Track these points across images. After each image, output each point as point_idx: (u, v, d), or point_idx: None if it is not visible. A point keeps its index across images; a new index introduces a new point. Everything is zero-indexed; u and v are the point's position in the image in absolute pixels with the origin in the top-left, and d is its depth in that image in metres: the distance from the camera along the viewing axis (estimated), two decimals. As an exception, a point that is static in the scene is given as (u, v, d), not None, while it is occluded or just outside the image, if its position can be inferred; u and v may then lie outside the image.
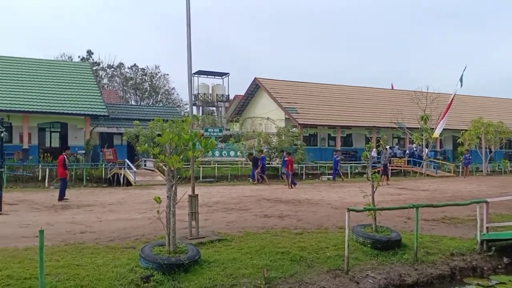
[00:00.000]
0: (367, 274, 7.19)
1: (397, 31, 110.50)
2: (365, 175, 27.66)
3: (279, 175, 27.21)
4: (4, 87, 27.84)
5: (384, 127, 35.98)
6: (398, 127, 34.09)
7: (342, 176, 25.92)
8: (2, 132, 13.07)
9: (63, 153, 15.73)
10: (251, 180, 23.49)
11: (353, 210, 7.58)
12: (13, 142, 27.11)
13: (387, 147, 30.30)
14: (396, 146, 36.54)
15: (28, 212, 12.26)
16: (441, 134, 32.92)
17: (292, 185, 20.55)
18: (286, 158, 21.84)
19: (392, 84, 47.70)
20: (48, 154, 25.14)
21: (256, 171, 22.94)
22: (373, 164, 23.02)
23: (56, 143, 30.98)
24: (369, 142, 9.84)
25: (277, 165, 28.36)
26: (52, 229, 9.39)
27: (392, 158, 31.62)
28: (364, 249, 8.16)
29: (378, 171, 20.84)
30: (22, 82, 29.05)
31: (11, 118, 26.08)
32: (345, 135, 37.22)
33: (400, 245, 8.35)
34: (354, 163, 32.12)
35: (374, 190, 8.72)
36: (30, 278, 5.81)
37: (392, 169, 30.98)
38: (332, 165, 26.94)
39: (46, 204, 13.92)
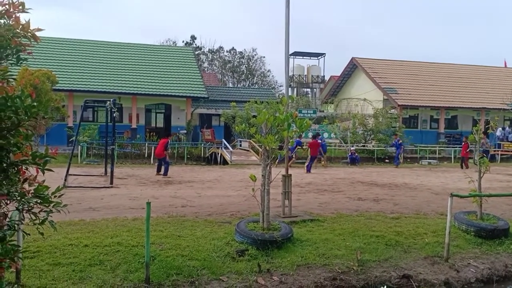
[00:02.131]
0: (469, 263, 6.76)
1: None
2: (471, 160, 25.82)
3: (374, 158, 26.44)
4: (115, 71, 30.24)
5: (494, 108, 33.10)
6: (511, 109, 31.13)
7: (400, 162, 22.97)
8: (114, 112, 14.27)
9: (168, 138, 17.28)
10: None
11: (456, 195, 7.14)
12: (123, 122, 29.48)
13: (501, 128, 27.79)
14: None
15: (135, 186, 13.32)
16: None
17: (307, 171, 18.52)
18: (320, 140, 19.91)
19: (505, 61, 43.49)
20: (154, 133, 26.99)
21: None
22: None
23: (160, 123, 33.15)
24: (477, 125, 9.08)
25: (372, 148, 27.56)
26: (157, 202, 10.11)
27: (502, 142, 29.11)
28: (466, 237, 7.68)
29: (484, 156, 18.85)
30: (131, 66, 31.30)
31: (122, 100, 28.29)
32: (449, 117, 34.90)
33: (508, 234, 7.71)
34: (459, 147, 30.05)
35: (482, 175, 8.12)
36: (137, 245, 6.34)
37: (502, 154, 28.53)
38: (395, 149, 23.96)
39: (152, 179, 15.00)
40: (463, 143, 22.26)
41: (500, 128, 31.05)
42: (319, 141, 21.25)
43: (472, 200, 8.16)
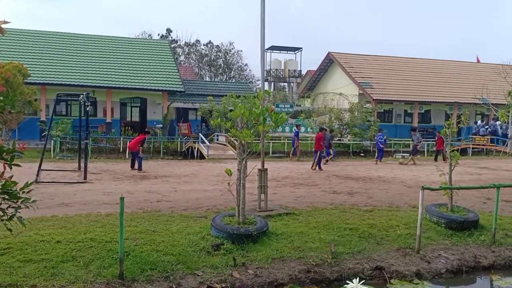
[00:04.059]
0: (440, 254, 6.93)
1: None
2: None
3: (350, 152, 26.74)
4: (90, 64, 29.69)
5: (466, 103, 33.88)
6: (482, 103, 31.90)
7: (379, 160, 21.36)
8: (88, 106, 14.02)
9: (146, 135, 17.44)
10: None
11: (427, 188, 7.28)
12: (97, 116, 29.03)
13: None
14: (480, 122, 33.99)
15: (110, 181, 13.15)
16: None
17: (317, 167, 17.29)
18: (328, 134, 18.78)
19: (477, 57, 44.52)
20: (129, 128, 26.65)
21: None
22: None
23: (136, 117, 32.78)
24: (449, 119, 9.27)
25: (348, 142, 27.88)
26: (132, 197, 10.02)
27: (473, 136, 29.92)
28: (437, 228, 7.87)
29: (458, 149, 18.95)
30: (106, 59, 30.78)
31: (96, 93, 27.85)
32: (423, 111, 35.58)
33: (477, 226, 7.94)
34: (432, 141, 30.70)
35: (452, 168, 8.31)
36: (111, 241, 6.27)
37: (473, 148, 29.30)
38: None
39: (127, 174, 14.83)
40: (437, 138, 22.44)
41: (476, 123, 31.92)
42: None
43: (443, 193, 8.36)
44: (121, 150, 23.82)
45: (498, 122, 30.99)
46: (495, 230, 7.54)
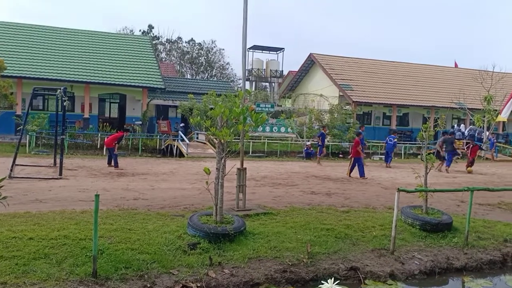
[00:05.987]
0: (413, 256, 7.05)
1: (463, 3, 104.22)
2: (419, 156, 26.78)
3: (329, 152, 26.86)
4: (68, 58, 29.13)
5: (443, 107, 34.46)
6: (459, 108, 32.53)
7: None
8: (65, 101, 13.78)
9: (124, 133, 17.68)
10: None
11: (403, 190, 7.38)
12: (75, 111, 28.52)
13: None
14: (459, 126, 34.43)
15: (86, 177, 12.95)
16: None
17: (360, 176, 15.66)
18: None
19: (455, 62, 45.37)
20: (107, 124, 26.28)
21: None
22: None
23: (115, 114, 32.35)
24: (427, 122, 9.46)
25: (327, 143, 28.01)
26: (108, 194, 9.89)
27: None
28: (412, 230, 7.99)
29: (433, 152, 18.55)
30: (85, 54, 30.23)
31: (74, 88, 27.37)
32: (401, 114, 36.07)
33: (451, 228, 8.09)
34: (409, 144, 31.16)
35: (428, 171, 8.45)
36: (85, 239, 6.18)
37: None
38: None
39: (103, 171, 14.62)
40: (473, 145, 21.50)
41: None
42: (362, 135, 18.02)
43: (418, 195, 8.50)
44: (98, 147, 23.47)
45: (474, 127, 31.60)
46: (468, 233, 7.70)
